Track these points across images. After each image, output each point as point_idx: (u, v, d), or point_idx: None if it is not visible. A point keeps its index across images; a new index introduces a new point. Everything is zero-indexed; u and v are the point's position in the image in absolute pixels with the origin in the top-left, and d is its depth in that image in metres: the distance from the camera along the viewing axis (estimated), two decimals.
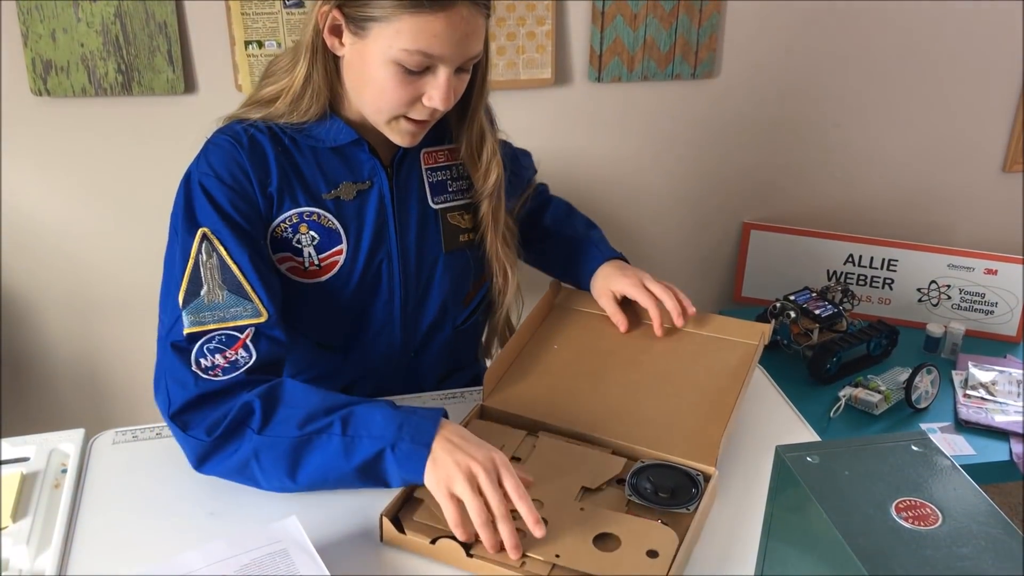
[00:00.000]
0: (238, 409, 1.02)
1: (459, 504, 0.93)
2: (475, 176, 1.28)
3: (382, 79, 1.08)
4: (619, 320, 1.30)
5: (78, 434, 1.16)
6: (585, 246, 1.41)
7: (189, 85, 1.90)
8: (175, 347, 1.05)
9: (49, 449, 1.14)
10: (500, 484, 0.94)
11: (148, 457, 1.13)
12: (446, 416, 1.02)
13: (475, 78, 1.18)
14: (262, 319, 1.08)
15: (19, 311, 2.03)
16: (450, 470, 0.94)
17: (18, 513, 1.02)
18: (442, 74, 1.08)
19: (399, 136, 1.15)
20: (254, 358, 1.06)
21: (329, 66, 1.14)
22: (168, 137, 1.93)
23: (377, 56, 1.07)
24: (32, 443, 1.15)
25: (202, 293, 1.07)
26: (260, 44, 1.88)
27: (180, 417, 1.04)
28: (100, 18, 1.80)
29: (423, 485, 0.97)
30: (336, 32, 1.10)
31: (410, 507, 0.99)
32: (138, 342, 2.08)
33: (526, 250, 1.42)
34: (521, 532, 0.93)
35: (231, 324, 1.07)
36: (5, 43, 1.80)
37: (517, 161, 1.46)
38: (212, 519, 1.02)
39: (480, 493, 0.93)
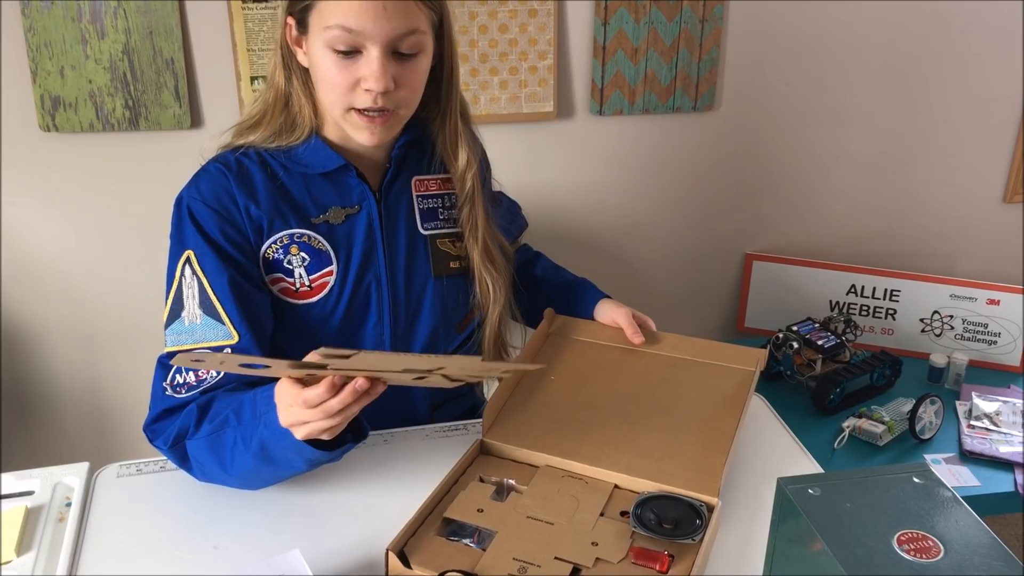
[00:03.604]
0: (183, 417, 1.08)
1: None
2: (454, 181, 1.30)
3: (324, 68, 1.12)
4: (633, 332, 1.33)
5: (82, 468, 1.16)
6: (582, 286, 1.47)
7: (195, 120, 1.92)
8: (161, 363, 1.14)
9: (53, 483, 1.14)
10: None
11: (152, 490, 1.13)
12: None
13: (442, 72, 1.22)
14: (232, 341, 1.11)
15: (23, 345, 2.04)
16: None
17: (22, 547, 1.02)
18: (371, 52, 1.09)
19: (357, 132, 1.17)
20: (220, 377, 1.10)
21: (304, 80, 1.19)
22: (174, 172, 1.92)
23: (316, 46, 1.11)
24: (36, 477, 1.15)
25: (183, 315, 1.13)
26: (265, 80, 1.90)
27: (150, 428, 1.12)
28: (108, 55, 1.82)
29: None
30: (298, 42, 1.16)
31: (416, 541, 0.99)
32: (142, 375, 2.07)
33: (519, 301, 1.44)
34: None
35: (204, 345, 1.11)
36: (15, 79, 1.82)
37: (515, 204, 1.48)
38: (216, 552, 1.02)
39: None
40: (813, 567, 0.74)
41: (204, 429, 1.06)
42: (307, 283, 1.21)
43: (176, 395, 1.10)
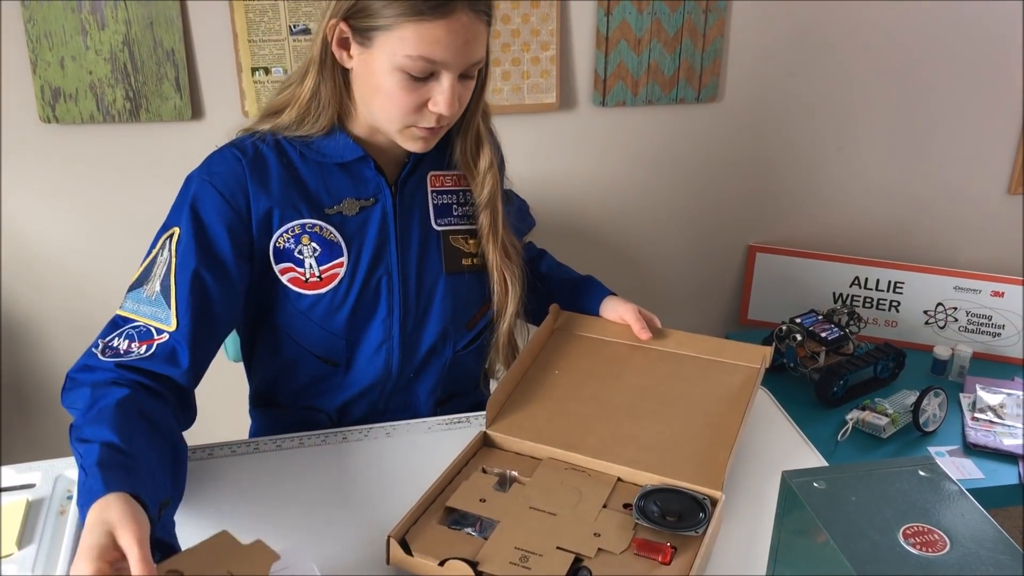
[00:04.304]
0: (81, 394, 1.05)
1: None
2: (472, 185, 1.30)
3: (389, 87, 1.11)
4: (640, 328, 1.33)
5: None
6: (587, 283, 1.46)
7: (196, 112, 1.91)
8: (112, 320, 1.12)
9: (55, 475, 1.14)
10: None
11: None
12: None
13: (475, 84, 1.21)
14: (170, 328, 1.10)
15: (24, 337, 2.04)
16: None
17: (23, 540, 1.02)
18: (446, 80, 1.11)
19: (411, 143, 1.18)
20: (143, 357, 1.08)
21: (338, 79, 1.17)
22: (175, 163, 1.92)
23: (383, 64, 1.10)
24: (37, 470, 1.14)
25: (145, 286, 1.13)
26: (267, 71, 1.89)
27: (71, 376, 1.09)
28: (108, 46, 1.81)
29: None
30: (344, 45, 1.13)
31: (417, 529, 0.99)
32: None
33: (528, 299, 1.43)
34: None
35: (149, 322, 1.11)
36: (14, 70, 1.82)
37: (524, 203, 1.48)
38: None
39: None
40: (818, 561, 0.74)
41: (74, 432, 0.99)
42: (317, 274, 1.21)
43: (101, 356, 1.08)
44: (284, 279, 1.20)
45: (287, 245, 1.19)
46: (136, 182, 1.95)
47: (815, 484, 0.77)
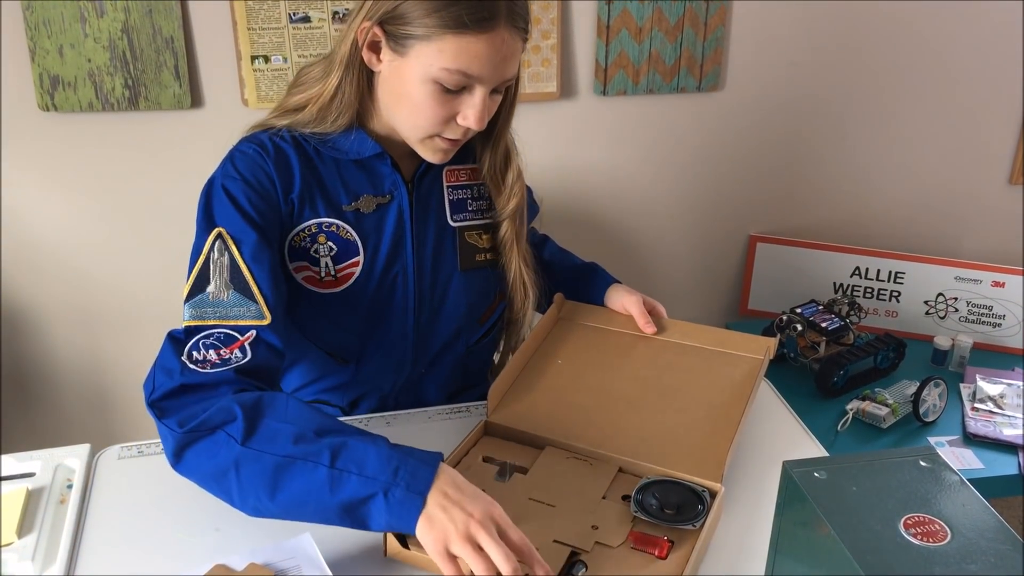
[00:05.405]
0: (217, 410, 0.96)
1: (455, 562, 0.88)
2: (497, 197, 1.28)
3: (419, 97, 1.09)
4: (645, 322, 1.32)
5: (84, 449, 1.16)
6: (592, 271, 1.46)
7: (196, 100, 1.91)
8: (173, 338, 1.04)
9: (55, 464, 1.14)
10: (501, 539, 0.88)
11: (154, 472, 1.13)
12: (443, 459, 0.95)
13: (504, 99, 1.19)
14: (264, 322, 1.06)
15: (24, 325, 2.03)
16: (446, 527, 0.87)
17: (23, 529, 1.02)
18: (478, 94, 1.09)
19: (431, 153, 1.16)
20: (247, 360, 1.03)
21: (361, 81, 1.15)
22: (175, 152, 1.94)
23: (416, 74, 1.08)
24: (37, 459, 1.15)
25: (208, 290, 1.07)
26: (266, 59, 1.89)
27: (159, 404, 1.00)
28: (107, 34, 1.81)
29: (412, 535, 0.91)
30: (374, 48, 1.11)
31: None
32: (144, 356, 2.06)
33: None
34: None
35: (232, 323, 1.05)
36: (13, 58, 1.81)
37: (529, 190, 1.47)
38: (219, 535, 1.02)
39: (480, 550, 0.86)
40: (819, 551, 0.74)
41: (267, 447, 0.94)
42: (332, 272, 1.20)
43: (200, 370, 1.00)
44: (298, 278, 1.19)
45: (303, 244, 1.17)
46: (135, 170, 1.94)
47: (816, 474, 0.77)
